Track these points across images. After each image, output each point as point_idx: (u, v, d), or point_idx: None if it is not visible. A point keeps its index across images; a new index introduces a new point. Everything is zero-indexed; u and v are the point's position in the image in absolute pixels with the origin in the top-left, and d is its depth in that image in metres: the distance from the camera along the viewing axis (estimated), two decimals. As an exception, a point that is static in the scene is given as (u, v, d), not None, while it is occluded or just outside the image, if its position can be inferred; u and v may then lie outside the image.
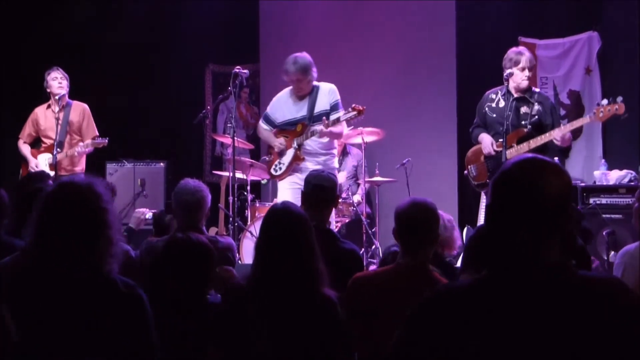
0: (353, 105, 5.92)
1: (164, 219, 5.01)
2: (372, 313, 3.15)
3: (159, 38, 9.35)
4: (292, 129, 6.16)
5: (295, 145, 6.10)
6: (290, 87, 6.26)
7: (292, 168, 6.15)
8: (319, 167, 5.98)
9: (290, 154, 6.14)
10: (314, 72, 6.11)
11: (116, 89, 8.99)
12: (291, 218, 3.01)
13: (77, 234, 2.35)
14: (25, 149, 7.05)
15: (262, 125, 6.45)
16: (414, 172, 7.55)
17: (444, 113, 8.35)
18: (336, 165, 6.29)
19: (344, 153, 7.91)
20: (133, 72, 9.27)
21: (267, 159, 6.50)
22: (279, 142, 6.19)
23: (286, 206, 3.13)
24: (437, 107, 8.38)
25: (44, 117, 6.95)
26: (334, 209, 4.78)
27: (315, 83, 6.17)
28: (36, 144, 7.09)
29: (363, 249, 6.73)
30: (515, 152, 5.72)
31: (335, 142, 6.34)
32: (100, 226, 2.40)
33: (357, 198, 7.52)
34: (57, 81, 6.80)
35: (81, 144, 6.77)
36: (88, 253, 2.37)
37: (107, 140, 6.78)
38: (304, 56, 6.12)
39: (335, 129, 6.02)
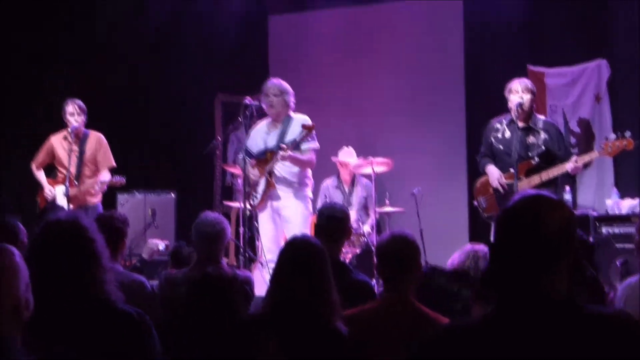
0: (302, 124, 6.14)
1: (183, 252, 5.13)
2: (363, 349, 3.14)
3: (169, 68, 9.52)
4: (264, 158, 6.37)
5: (266, 173, 6.30)
6: (267, 120, 6.50)
7: (266, 196, 6.33)
8: (291, 193, 6.27)
9: (262, 182, 6.34)
10: (291, 100, 6.38)
11: (126, 119, 9.16)
12: (309, 249, 3.10)
13: (68, 267, 2.49)
14: (39, 175, 7.13)
15: (241, 157, 6.64)
16: (424, 201, 7.63)
17: (453, 142, 8.48)
18: (309, 194, 6.44)
19: (353, 184, 8.05)
20: (143, 101, 9.47)
21: (248, 191, 6.72)
22: (253, 173, 6.40)
23: (305, 237, 3.23)
24: (446, 136, 8.51)
25: (60, 147, 7.03)
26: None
27: (291, 113, 6.40)
28: (52, 172, 7.17)
29: (374, 280, 6.85)
30: (527, 185, 5.79)
31: (309, 172, 6.50)
32: (90, 257, 2.54)
33: (367, 228, 7.66)
34: (74, 117, 6.92)
35: (101, 179, 6.89)
36: (83, 283, 2.50)
37: (124, 180, 6.93)
38: (283, 82, 6.43)
39: (301, 155, 6.21)
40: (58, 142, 7.10)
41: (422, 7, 8.84)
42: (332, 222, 4.20)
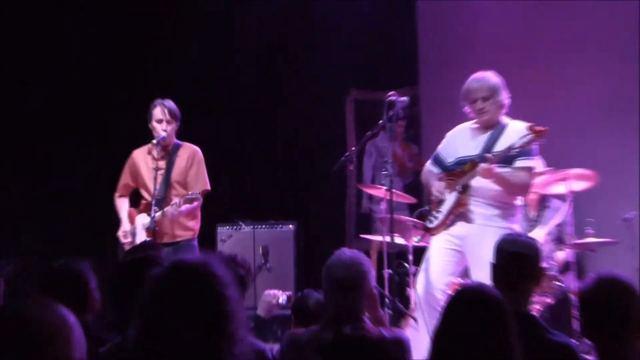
0: (530, 125, 5.97)
1: (309, 304, 5.11)
2: None
3: (287, 61, 9.78)
4: (461, 169, 6.27)
5: (459, 187, 6.20)
6: (471, 123, 6.39)
7: (450, 218, 6.23)
8: (488, 220, 6.11)
9: (451, 199, 6.24)
10: (505, 97, 6.22)
11: (230, 129, 9.38)
12: (485, 302, 3.08)
13: (188, 331, 2.45)
14: (120, 205, 7.16)
15: (429, 167, 6.58)
16: (641, 229, 7.48)
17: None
18: (516, 228, 6.26)
19: (542, 207, 7.87)
20: (253, 106, 9.69)
21: (426, 209, 6.64)
22: (437, 185, 6.32)
23: (479, 287, 3.21)
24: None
25: (145, 164, 7.07)
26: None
27: (504, 119, 6.27)
28: (138, 200, 7.15)
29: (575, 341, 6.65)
30: None
31: (519, 200, 6.37)
32: (218, 319, 2.50)
33: (561, 254, 7.47)
34: (162, 125, 6.90)
35: (175, 199, 6.79)
36: (204, 355, 2.45)
37: (200, 196, 6.78)
38: (492, 74, 6.26)
39: (512, 174, 6.07)
40: (141, 159, 7.14)
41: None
42: (516, 263, 4.14)
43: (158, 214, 6.77)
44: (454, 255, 6.21)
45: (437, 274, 6.18)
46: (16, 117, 9.15)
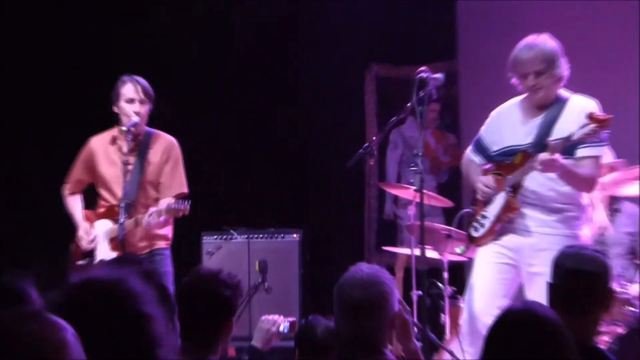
0: (590, 112, 5.90)
1: (317, 332, 5.12)
2: None
3: (295, 34, 9.93)
4: (509, 162, 6.25)
5: (508, 187, 6.18)
6: (520, 98, 6.36)
7: (500, 225, 6.21)
8: (549, 227, 6.08)
9: (499, 201, 6.21)
10: (564, 68, 6.14)
11: (230, 127, 9.44)
12: (534, 325, 3.10)
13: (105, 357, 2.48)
14: (73, 205, 7.12)
15: (470, 155, 6.54)
16: None
17: None
18: (585, 233, 6.28)
19: (612, 211, 7.87)
20: (254, 102, 9.81)
21: (470, 211, 6.59)
22: (483, 181, 6.29)
23: (527, 307, 3.24)
24: None
25: (105, 157, 7.01)
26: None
27: (563, 93, 6.24)
28: (95, 200, 7.12)
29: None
30: None
31: (585, 197, 6.34)
32: (136, 343, 2.54)
33: (636, 288, 7.47)
34: (134, 107, 6.83)
35: (152, 209, 6.70)
36: None
37: (188, 206, 6.69)
38: (547, 39, 6.17)
39: (578, 167, 6.03)
40: (101, 149, 7.07)
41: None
42: (578, 282, 4.14)
43: (129, 221, 6.72)
44: (507, 272, 6.18)
45: (487, 296, 6.15)
46: (16, 116, 9.85)
